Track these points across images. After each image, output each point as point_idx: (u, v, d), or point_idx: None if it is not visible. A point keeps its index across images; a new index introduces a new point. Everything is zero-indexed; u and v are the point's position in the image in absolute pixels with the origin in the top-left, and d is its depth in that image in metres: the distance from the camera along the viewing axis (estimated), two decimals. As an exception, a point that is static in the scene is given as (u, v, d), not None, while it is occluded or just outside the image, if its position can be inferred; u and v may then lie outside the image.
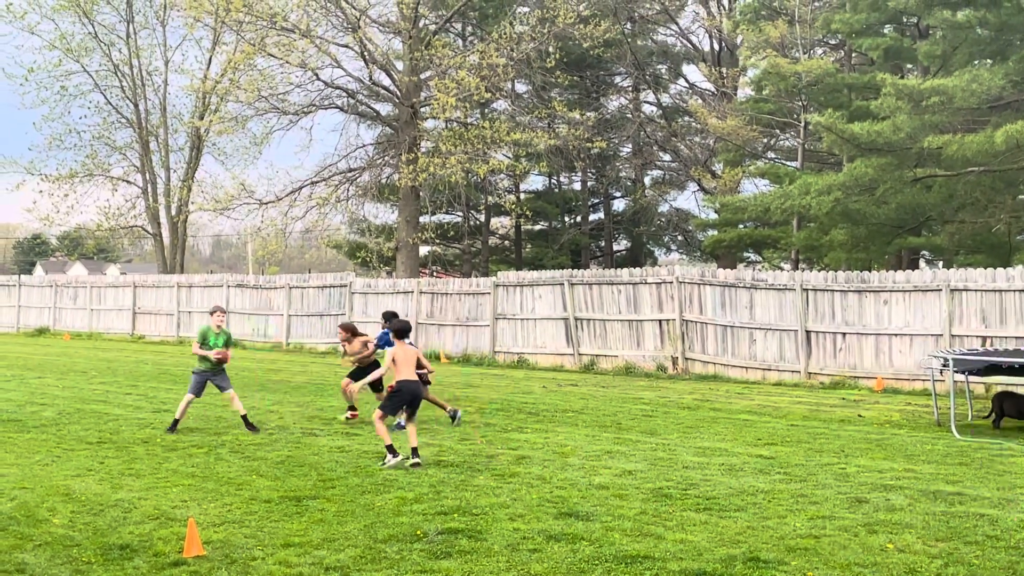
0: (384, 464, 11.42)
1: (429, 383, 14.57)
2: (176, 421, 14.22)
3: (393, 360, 11.71)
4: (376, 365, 14.81)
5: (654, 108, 46.63)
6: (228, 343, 14.47)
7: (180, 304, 35.71)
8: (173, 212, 44.69)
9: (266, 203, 38.12)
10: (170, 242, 45.62)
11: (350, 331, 16.22)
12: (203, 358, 14.15)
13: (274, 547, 7.97)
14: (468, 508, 9.29)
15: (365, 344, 16.10)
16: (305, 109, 36.93)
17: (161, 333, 36.14)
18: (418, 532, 8.40)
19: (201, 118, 41.80)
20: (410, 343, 12.49)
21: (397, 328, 12.10)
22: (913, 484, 10.45)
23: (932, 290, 20.19)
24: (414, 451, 11.48)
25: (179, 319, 35.72)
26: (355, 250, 43.57)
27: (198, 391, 14.28)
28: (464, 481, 10.58)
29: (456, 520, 8.82)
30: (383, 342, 15.26)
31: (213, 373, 14.24)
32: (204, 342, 14.15)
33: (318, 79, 36.03)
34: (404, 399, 11.73)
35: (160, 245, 45.93)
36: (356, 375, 15.77)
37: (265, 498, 9.75)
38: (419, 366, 12.06)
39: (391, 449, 11.54)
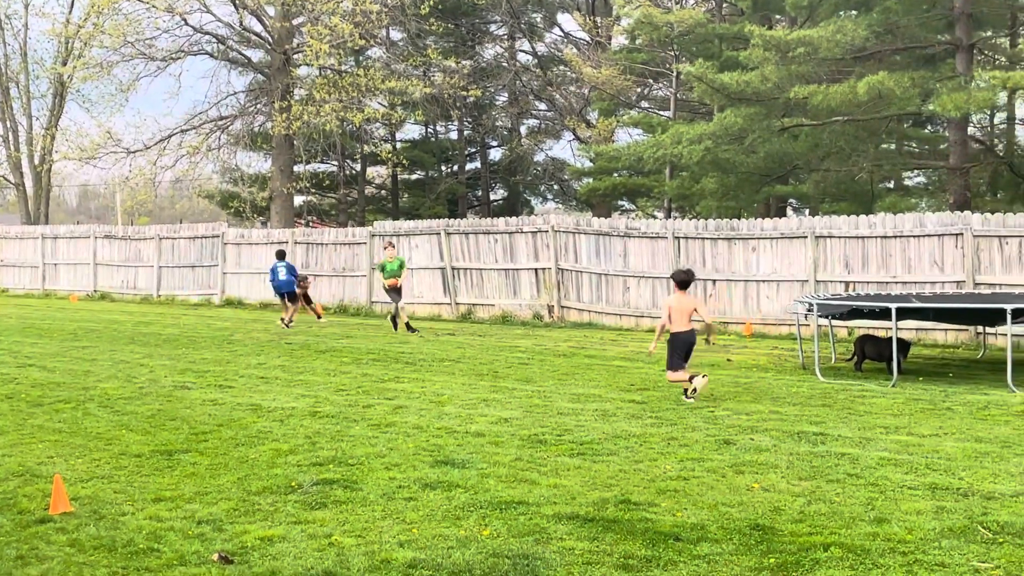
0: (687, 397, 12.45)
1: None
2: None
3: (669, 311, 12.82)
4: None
5: (529, 57, 46.66)
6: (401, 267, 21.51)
7: (45, 256, 34.60)
8: (36, 161, 43.15)
9: (134, 152, 37.17)
10: (34, 192, 44.12)
11: None
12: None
13: (144, 502, 7.85)
14: (344, 459, 9.28)
15: None
16: (173, 55, 35.96)
17: (26, 286, 35.00)
18: (293, 483, 8.35)
19: (64, 64, 40.34)
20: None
21: (679, 280, 12.99)
22: (778, 425, 10.78)
23: (798, 237, 20.75)
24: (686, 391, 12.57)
25: (44, 271, 34.63)
26: (228, 200, 42.73)
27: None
28: (340, 432, 10.55)
29: (331, 471, 8.80)
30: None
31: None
32: (383, 270, 21.37)
33: (186, 24, 35.11)
34: (679, 349, 12.72)
35: (23, 195, 44.37)
36: None
37: (135, 453, 9.58)
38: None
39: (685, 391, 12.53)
